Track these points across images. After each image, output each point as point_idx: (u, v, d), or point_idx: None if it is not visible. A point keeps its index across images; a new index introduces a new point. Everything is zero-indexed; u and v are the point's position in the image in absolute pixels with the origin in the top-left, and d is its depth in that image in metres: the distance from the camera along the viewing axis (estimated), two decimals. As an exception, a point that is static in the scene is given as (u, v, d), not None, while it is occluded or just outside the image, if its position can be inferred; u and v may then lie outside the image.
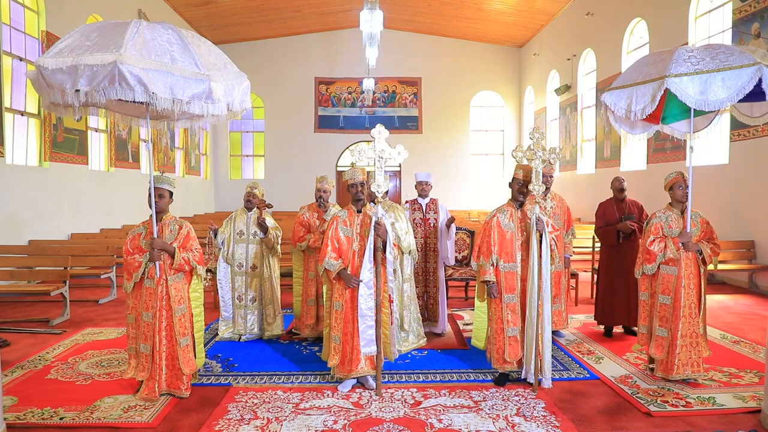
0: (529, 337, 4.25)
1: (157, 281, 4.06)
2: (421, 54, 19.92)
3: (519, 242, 4.39)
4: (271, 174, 19.93)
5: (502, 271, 4.38)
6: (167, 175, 4.25)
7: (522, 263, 4.38)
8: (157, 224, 4.11)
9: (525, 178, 4.40)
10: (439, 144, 19.97)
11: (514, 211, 4.46)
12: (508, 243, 4.39)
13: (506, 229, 4.40)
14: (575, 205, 13.66)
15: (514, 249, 4.38)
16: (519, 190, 4.44)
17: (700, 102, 3.88)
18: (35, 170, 9.54)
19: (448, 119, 20.14)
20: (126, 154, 13.01)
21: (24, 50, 9.51)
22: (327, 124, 20.05)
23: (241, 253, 5.70)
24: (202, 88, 3.51)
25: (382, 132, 4.26)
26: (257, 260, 5.71)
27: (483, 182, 20.15)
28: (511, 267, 4.37)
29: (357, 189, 4.38)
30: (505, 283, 4.36)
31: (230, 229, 5.74)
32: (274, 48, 19.67)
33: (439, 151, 19.86)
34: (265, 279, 5.71)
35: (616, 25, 12.94)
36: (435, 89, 20.05)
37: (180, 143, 16.71)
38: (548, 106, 17.66)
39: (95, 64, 3.22)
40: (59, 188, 10.08)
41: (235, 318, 5.71)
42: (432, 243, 5.96)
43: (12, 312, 6.93)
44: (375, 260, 4.16)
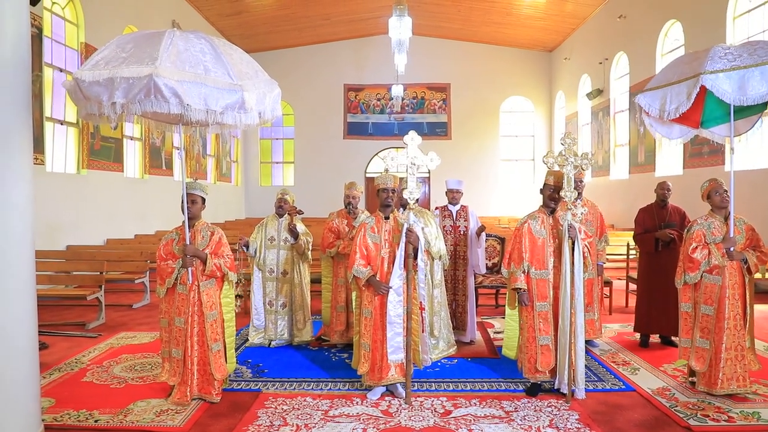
0: (562, 347, 4.16)
1: (190, 287, 4.11)
2: (450, 60, 19.88)
3: (551, 249, 4.31)
4: (300, 180, 20.11)
5: (534, 278, 4.31)
6: (200, 182, 4.31)
7: (554, 271, 4.30)
8: (190, 230, 4.16)
9: (556, 184, 4.33)
10: (468, 150, 19.86)
11: (545, 217, 4.38)
12: (540, 250, 4.32)
13: (538, 235, 4.34)
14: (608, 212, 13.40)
15: (545, 256, 4.31)
16: (550, 197, 4.37)
17: (738, 98, 3.75)
18: (73, 177, 9.81)
19: (477, 125, 20.03)
20: (159, 161, 13.28)
21: (64, 61, 9.81)
22: (356, 131, 20.15)
23: (272, 259, 5.74)
24: (234, 99, 3.55)
25: (414, 138, 4.25)
26: (288, 266, 5.74)
27: (513, 188, 19.96)
28: (542, 274, 4.30)
29: (387, 194, 4.37)
30: (536, 290, 4.29)
31: (261, 235, 5.79)
32: (303, 55, 19.88)
33: (468, 157, 19.75)
34: (295, 285, 5.74)
35: (649, 28, 12.69)
36: (464, 95, 19.97)
37: (212, 150, 17.00)
38: (580, 111, 17.40)
39: (131, 76, 3.28)
40: (96, 195, 10.34)
41: (266, 323, 5.75)
42: (462, 251, 5.91)
43: (50, 315, 7.12)
44: (406, 267, 4.14)
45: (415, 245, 4.17)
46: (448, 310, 5.26)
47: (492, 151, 20.19)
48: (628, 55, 13.94)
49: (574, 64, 17.61)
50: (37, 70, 8.59)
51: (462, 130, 19.96)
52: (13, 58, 3.17)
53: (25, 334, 3.26)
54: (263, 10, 16.02)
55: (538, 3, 15.68)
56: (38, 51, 8.69)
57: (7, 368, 3.16)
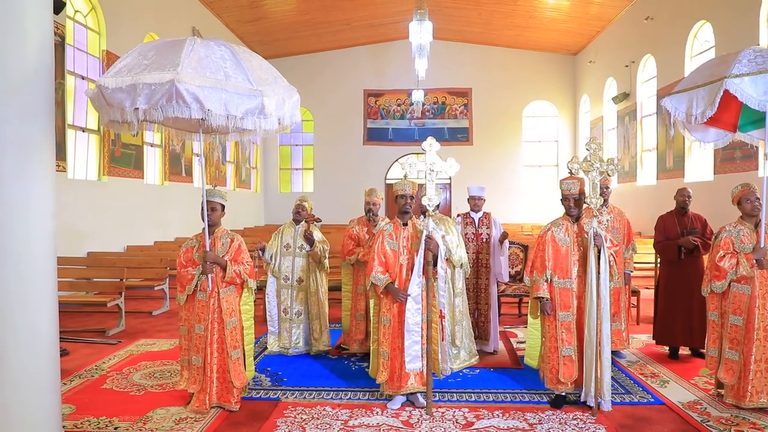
0: (588, 357, 4.11)
1: (210, 294, 4.16)
2: (472, 64, 19.85)
3: (575, 258, 4.27)
4: (320, 187, 20.22)
5: (557, 287, 4.27)
6: (219, 189, 4.37)
7: (577, 280, 4.25)
8: (210, 237, 4.21)
9: (579, 192, 4.28)
10: (490, 156, 19.78)
11: (569, 225, 4.34)
12: (563, 258, 4.28)
13: (561, 243, 4.30)
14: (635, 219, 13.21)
15: (569, 265, 4.27)
16: (569, 207, 4.32)
17: (763, 102, 3.68)
18: (94, 184, 10.00)
19: (499, 130, 19.94)
20: (179, 168, 13.48)
21: (86, 69, 10.04)
22: (376, 137, 20.21)
23: (287, 266, 5.77)
24: (254, 104, 3.61)
25: (433, 145, 4.26)
26: (303, 273, 5.77)
27: (536, 195, 19.79)
28: (565, 283, 4.26)
29: (405, 201, 4.38)
30: (559, 299, 4.25)
31: (278, 242, 5.83)
32: (323, 61, 20.03)
33: (490, 162, 19.66)
34: (311, 293, 5.76)
35: (678, 29, 12.53)
36: (486, 100, 19.91)
37: (231, 157, 17.19)
38: (605, 115, 17.21)
39: (153, 82, 3.36)
40: (116, 201, 10.53)
41: (281, 331, 5.78)
42: (484, 259, 5.88)
43: (71, 321, 7.25)
44: (425, 274, 4.14)
45: (435, 252, 4.16)
46: (470, 319, 5.23)
47: (515, 157, 20.08)
48: (656, 58, 13.77)
49: (600, 67, 17.45)
50: (60, 78, 8.81)
51: (484, 135, 19.90)
52: (37, 66, 3.25)
53: (47, 341, 3.33)
54: (282, 15, 16.20)
55: (561, 5, 15.60)
56: (61, 59, 8.91)
57: (30, 374, 3.23)
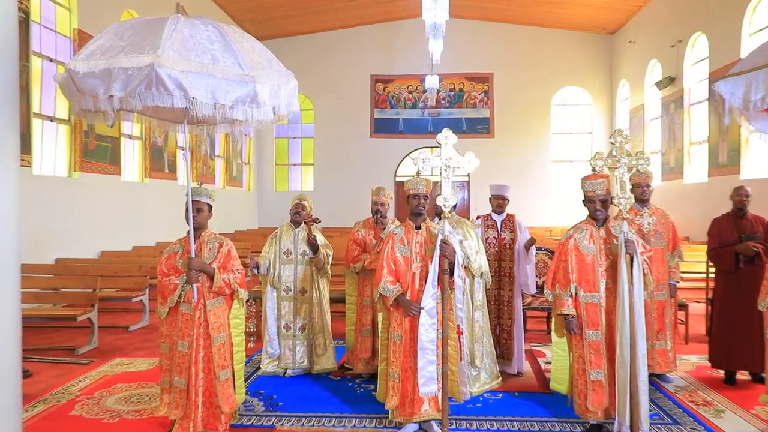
0: (621, 381, 4.06)
1: (195, 306, 4.16)
2: (494, 46, 19.84)
3: (602, 268, 4.24)
4: (321, 185, 20.27)
5: (583, 302, 4.25)
6: (206, 187, 4.38)
7: (606, 293, 4.22)
8: (195, 242, 4.21)
9: (606, 191, 4.23)
10: (514, 150, 19.75)
11: (594, 230, 4.31)
12: (589, 269, 4.25)
13: (586, 252, 4.27)
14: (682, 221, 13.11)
15: (596, 276, 4.24)
16: (595, 210, 4.29)
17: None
18: (64, 181, 10.06)
19: (525, 121, 19.90)
20: (162, 163, 13.55)
21: (54, 50, 10.10)
22: (384, 128, 20.24)
23: (288, 276, 5.77)
24: (246, 91, 3.61)
25: (449, 137, 4.25)
26: (306, 283, 5.77)
27: (567, 194, 19.66)
28: (593, 298, 4.23)
29: (419, 201, 4.37)
30: (586, 316, 4.23)
31: (275, 249, 5.82)
32: (324, 43, 20.10)
33: (514, 157, 19.64)
34: (314, 304, 5.76)
35: (733, 3, 12.44)
36: (509, 86, 19.89)
37: (220, 151, 17.26)
38: (647, 103, 17.14)
39: (130, 67, 3.35)
40: (89, 201, 10.59)
41: (282, 349, 5.77)
42: (507, 267, 5.86)
43: (36, 338, 7.28)
44: (440, 284, 4.12)
45: (451, 259, 4.15)
46: (491, 336, 5.21)
47: (542, 151, 20.04)
48: (708, 36, 13.67)
49: (641, 47, 17.38)
50: (24, 60, 8.86)
51: (507, 126, 19.87)
52: (-1, 44, 3.24)
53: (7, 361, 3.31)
54: (278, -10, 16.28)
55: (597, -23, 15.57)
56: (25, 38, 8.95)
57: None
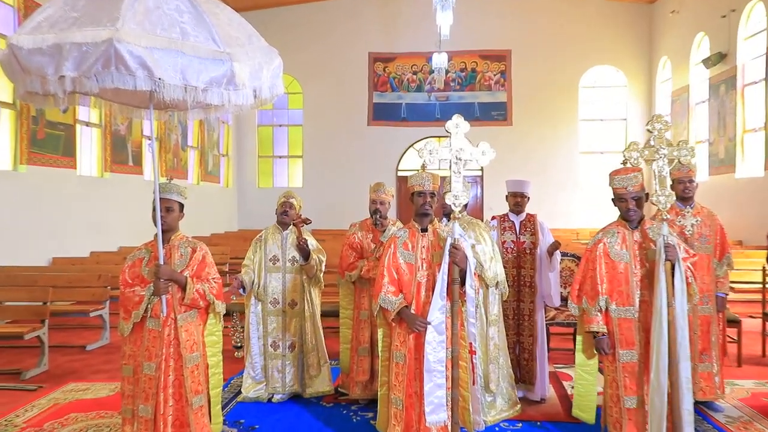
0: (656, 411, 4.03)
1: (164, 321, 4.15)
2: (512, 19, 19.83)
3: (637, 277, 4.25)
4: (311, 181, 20.28)
5: (615, 317, 4.25)
6: (177, 183, 4.38)
7: (642, 306, 4.22)
8: (164, 246, 4.21)
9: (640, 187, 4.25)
10: (535, 139, 19.74)
11: (627, 233, 4.32)
12: (622, 278, 4.26)
13: (617, 258, 4.27)
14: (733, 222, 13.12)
15: (630, 287, 4.25)
16: (630, 207, 4.31)
17: None
18: (8, 176, 10.03)
19: (548, 106, 19.87)
20: (125, 154, 13.54)
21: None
22: (384, 115, 20.25)
23: (275, 286, 5.78)
24: (221, 71, 3.61)
25: (460, 125, 4.25)
26: (297, 294, 5.78)
27: (597, 191, 19.62)
28: (627, 312, 4.24)
29: (425, 200, 4.37)
30: (618, 334, 4.23)
31: (260, 255, 5.83)
32: (314, 15, 20.08)
33: (535, 148, 19.64)
34: (306, 318, 5.78)
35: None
36: (530, 65, 19.87)
37: (194, 141, 17.27)
38: (692, 84, 17.11)
39: (85, 42, 3.33)
40: (38, 199, 10.56)
41: (268, 371, 5.77)
42: (527, 276, 5.87)
43: (-23, 360, 7.27)
44: (449, 296, 4.15)
45: (462, 267, 4.16)
46: (508, 356, 5.22)
47: (569, 141, 20.03)
48: (766, 4, 13.67)
49: (686, 19, 17.36)
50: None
51: (527, 112, 19.85)
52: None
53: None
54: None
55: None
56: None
57: None
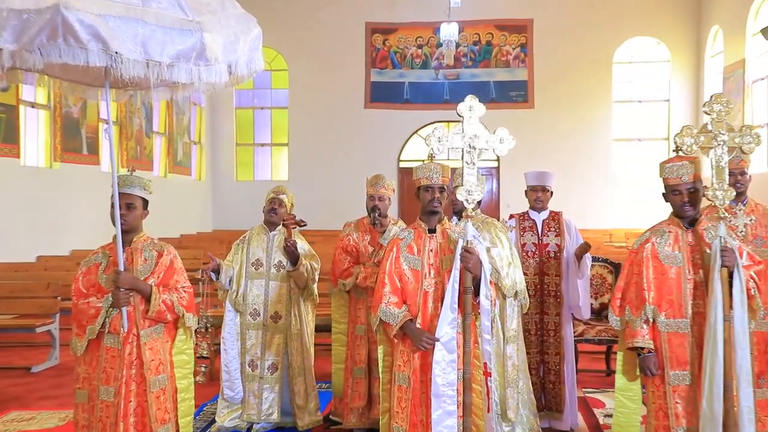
0: None
1: (124, 338, 4.13)
2: (534, -18, 19.89)
3: (691, 284, 4.23)
4: (298, 173, 20.23)
5: (663, 331, 4.23)
6: (140, 175, 4.35)
7: (696, 319, 4.20)
8: (125, 250, 4.19)
9: (695, 177, 4.25)
10: (560, 125, 19.74)
11: (680, 232, 4.32)
12: (673, 285, 4.24)
13: (668, 262, 4.26)
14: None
15: (683, 295, 4.23)
16: (682, 203, 4.29)
17: None
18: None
19: (576, 85, 19.83)
20: (78, 141, 13.49)
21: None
22: (384, 96, 20.24)
23: (257, 295, 5.74)
24: (190, 43, 3.59)
25: (474, 108, 4.21)
26: (282, 306, 5.74)
27: (634, 185, 19.68)
28: (678, 325, 4.21)
29: (433, 195, 4.35)
30: (668, 351, 4.21)
31: (241, 258, 5.80)
32: (302, -22, 20.12)
33: (561, 135, 19.64)
34: (292, 335, 5.74)
35: None
36: (555, 37, 19.86)
37: (160, 126, 17.25)
38: (749, 59, 17.07)
39: (26, 9, 3.31)
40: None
41: (245, 396, 5.75)
42: (552, 283, 5.88)
43: None
44: (461, 308, 4.13)
45: (476, 274, 4.14)
46: (529, 379, 5.20)
47: (600, 127, 20.02)
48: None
49: (737, -17, 17.37)
50: None
51: (551, 93, 19.82)
52: None
53: None
54: None
55: None
56: None
57: None
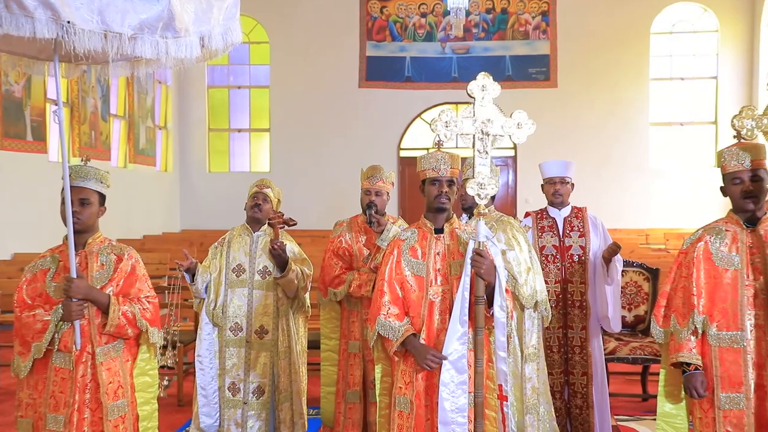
0: None
1: (77, 357, 4.12)
2: (557, -60, 19.89)
3: (750, 292, 4.23)
4: (281, 163, 20.23)
5: (715, 345, 4.22)
6: (95, 166, 4.34)
7: (756, 332, 4.20)
8: (78, 253, 4.18)
9: (757, 165, 4.25)
10: (588, 106, 19.76)
11: (739, 231, 4.31)
12: (728, 292, 4.23)
13: (723, 264, 4.25)
14: None
15: (739, 304, 4.22)
16: (745, 194, 4.27)
17: None
18: None
19: (606, 60, 19.84)
20: (21, 125, 13.42)
21: None
22: (382, 73, 20.26)
23: (238, 306, 5.72)
24: (155, 12, 3.59)
25: (488, 87, 4.20)
26: (268, 319, 5.72)
27: (674, 177, 19.71)
28: (732, 339, 4.20)
29: (441, 190, 4.34)
30: (720, 369, 4.20)
31: (220, 263, 5.78)
32: (286, -64, 20.12)
33: (588, 118, 19.65)
34: (280, 354, 5.73)
35: None
36: (582, 4, 19.89)
37: (119, 108, 17.21)
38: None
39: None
40: None
41: (225, 423, 5.73)
42: (576, 292, 5.89)
43: None
44: (472, 321, 4.13)
45: (490, 281, 4.14)
46: (551, 404, 5.21)
47: (635, 109, 20.01)
48: None
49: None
50: None
51: (577, 69, 19.83)
52: None
53: None
54: None
55: None
56: None
57: None
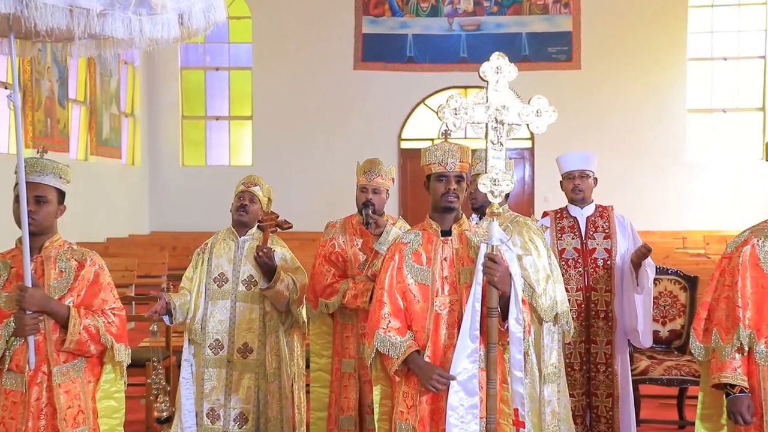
0: None
1: (30, 378, 4.13)
2: None
3: (804, 304, 4.26)
4: (265, 157, 20.16)
5: (763, 365, 4.23)
6: (52, 158, 4.35)
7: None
8: (33, 258, 4.19)
9: None
10: (616, 91, 19.80)
11: None
12: (780, 304, 4.26)
13: None
14: None
15: (792, 317, 4.25)
16: None
17: None
18: None
19: (636, 38, 19.89)
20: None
21: None
22: (381, 53, 20.33)
23: (219, 320, 5.71)
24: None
25: (502, 69, 4.21)
26: (252, 335, 5.72)
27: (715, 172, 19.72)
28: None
29: (448, 187, 4.34)
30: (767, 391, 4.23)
31: (200, 274, 5.78)
32: None
33: (615, 104, 19.69)
34: (268, 375, 5.73)
35: None
36: (609, -23, 19.96)
37: (79, 92, 17.20)
38: None
39: None
40: None
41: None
42: (601, 301, 5.92)
43: None
44: (484, 336, 4.14)
45: (504, 290, 4.15)
46: (573, 430, 5.22)
47: (671, 93, 20.07)
48: None
49: None
50: None
51: (603, 48, 19.88)
52: None
53: None
54: None
55: None
56: None
57: None
